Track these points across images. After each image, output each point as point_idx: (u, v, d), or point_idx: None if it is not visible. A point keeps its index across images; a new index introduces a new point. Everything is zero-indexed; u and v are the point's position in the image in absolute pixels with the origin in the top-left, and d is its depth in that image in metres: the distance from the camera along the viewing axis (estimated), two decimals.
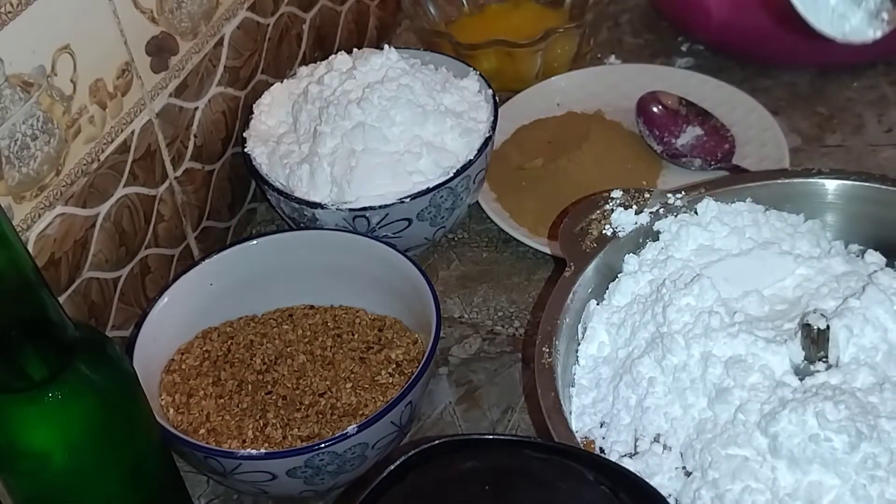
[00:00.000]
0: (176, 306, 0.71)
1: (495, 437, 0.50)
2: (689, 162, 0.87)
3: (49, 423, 0.50)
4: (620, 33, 1.05)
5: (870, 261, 0.64)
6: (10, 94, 0.60)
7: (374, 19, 1.03)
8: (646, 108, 0.91)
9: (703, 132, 0.89)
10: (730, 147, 0.88)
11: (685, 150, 0.88)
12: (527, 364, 0.75)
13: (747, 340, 0.59)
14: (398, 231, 0.77)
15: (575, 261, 0.65)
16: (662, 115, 0.90)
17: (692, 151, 0.88)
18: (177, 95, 0.75)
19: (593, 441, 0.60)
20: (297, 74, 0.86)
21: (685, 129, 0.89)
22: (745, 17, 0.92)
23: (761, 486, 0.53)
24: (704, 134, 0.89)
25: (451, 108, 0.80)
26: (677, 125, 0.89)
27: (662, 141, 0.89)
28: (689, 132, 0.89)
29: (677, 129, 0.89)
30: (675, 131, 0.89)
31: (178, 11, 0.74)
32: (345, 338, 0.73)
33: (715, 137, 0.88)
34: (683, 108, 0.90)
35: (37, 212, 0.63)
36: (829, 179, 0.67)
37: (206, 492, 0.70)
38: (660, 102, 0.91)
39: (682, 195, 0.68)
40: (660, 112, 0.90)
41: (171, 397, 0.70)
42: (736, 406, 0.56)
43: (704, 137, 0.89)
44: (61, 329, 0.49)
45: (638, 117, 0.91)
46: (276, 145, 0.80)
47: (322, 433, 0.67)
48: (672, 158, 0.88)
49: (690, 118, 0.90)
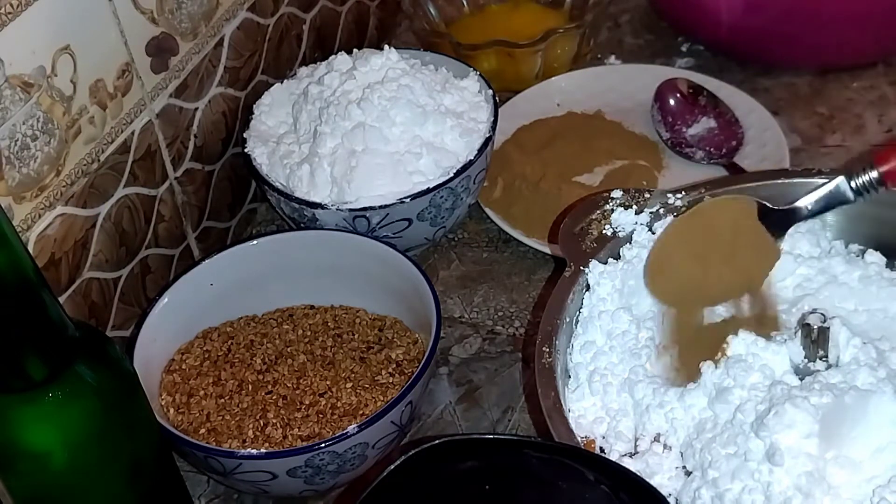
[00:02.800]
0: (176, 306, 0.71)
1: (495, 437, 0.50)
2: (693, 153, 0.88)
3: (49, 423, 0.50)
4: (620, 33, 1.05)
5: (870, 261, 0.64)
6: (10, 94, 0.60)
7: (374, 20, 1.03)
8: (664, 95, 0.91)
9: (716, 125, 0.89)
10: (737, 144, 0.88)
11: (693, 140, 0.88)
12: (527, 364, 0.75)
13: (747, 340, 0.59)
14: (398, 231, 0.77)
15: (575, 261, 0.65)
16: (679, 103, 0.90)
17: (699, 143, 0.88)
18: (177, 96, 0.75)
19: (593, 441, 0.60)
20: (297, 75, 0.86)
21: (699, 120, 0.89)
22: (745, 17, 0.92)
23: (760, 486, 0.53)
24: (717, 127, 0.89)
25: (451, 108, 0.80)
26: (693, 115, 0.90)
27: (672, 129, 0.89)
28: (703, 123, 0.89)
29: (691, 119, 0.90)
30: (689, 120, 0.89)
31: (179, 12, 0.74)
32: (345, 338, 0.73)
33: (726, 132, 0.88)
34: (703, 99, 0.90)
35: (37, 212, 0.63)
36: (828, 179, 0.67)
37: (206, 492, 0.70)
38: (678, 91, 0.91)
39: (682, 195, 0.68)
40: (676, 102, 0.90)
41: (172, 397, 0.70)
42: (736, 406, 0.56)
43: (716, 130, 0.89)
44: (61, 329, 0.49)
45: (654, 102, 0.91)
46: (277, 145, 0.80)
47: (322, 433, 0.67)
48: (675, 147, 0.88)
49: (708, 109, 0.90)
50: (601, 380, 0.61)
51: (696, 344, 0.63)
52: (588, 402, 0.61)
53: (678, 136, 0.89)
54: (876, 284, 0.62)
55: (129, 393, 0.53)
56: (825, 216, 0.67)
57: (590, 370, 0.62)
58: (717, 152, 0.87)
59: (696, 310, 0.64)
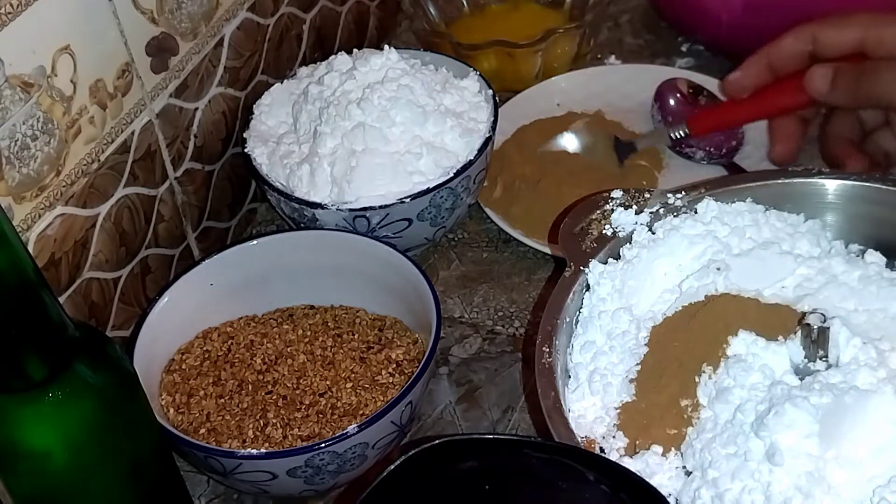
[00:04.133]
0: (176, 306, 0.71)
1: (495, 437, 0.50)
2: (693, 153, 0.88)
3: (49, 423, 0.49)
4: (620, 33, 1.05)
5: (870, 261, 0.64)
6: (10, 94, 0.60)
7: (374, 20, 1.03)
8: (664, 95, 0.91)
9: None
10: (737, 143, 0.88)
11: (693, 140, 0.88)
12: (527, 364, 0.75)
13: (747, 340, 0.59)
14: (398, 231, 0.77)
15: (575, 261, 0.65)
16: (679, 103, 0.90)
17: (699, 143, 0.88)
18: (177, 96, 0.75)
19: (594, 441, 0.60)
20: (297, 75, 0.86)
21: None
22: (745, 17, 0.92)
23: (760, 486, 0.53)
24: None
25: (451, 108, 0.80)
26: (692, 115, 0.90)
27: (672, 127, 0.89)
28: None
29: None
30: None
31: (179, 12, 0.74)
32: (345, 338, 0.73)
33: (726, 132, 0.88)
34: (703, 99, 0.90)
35: (37, 212, 0.63)
36: (829, 179, 0.67)
37: (206, 492, 0.70)
38: (678, 91, 0.91)
39: (682, 195, 0.68)
40: (676, 102, 0.90)
41: (172, 397, 0.70)
42: (736, 406, 0.56)
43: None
44: (61, 329, 0.49)
45: (654, 102, 0.91)
46: (277, 145, 0.80)
47: (322, 433, 0.67)
48: (675, 147, 0.88)
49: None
50: (601, 380, 0.61)
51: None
52: (588, 402, 0.61)
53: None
54: (876, 284, 0.62)
55: (129, 393, 0.53)
56: (825, 216, 0.67)
57: (590, 370, 0.62)
58: (717, 152, 0.87)
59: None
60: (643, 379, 0.60)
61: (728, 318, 0.61)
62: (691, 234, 0.65)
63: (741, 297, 0.62)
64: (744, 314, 0.61)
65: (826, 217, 0.68)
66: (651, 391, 0.60)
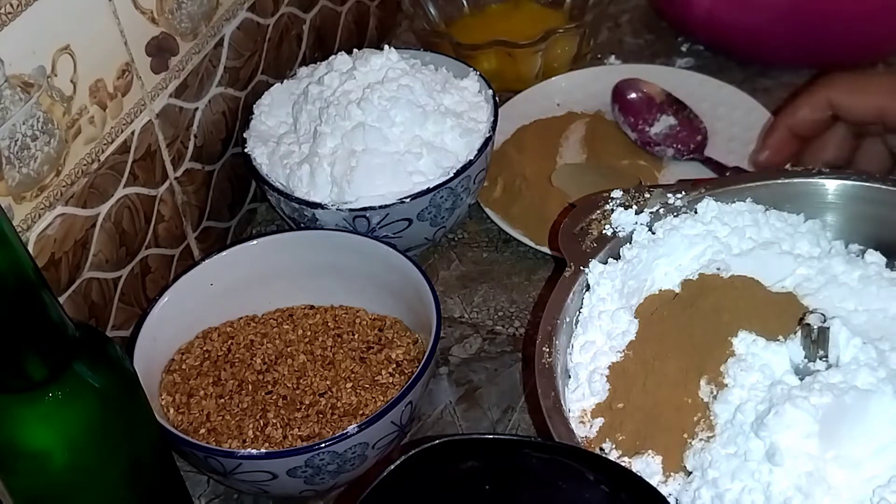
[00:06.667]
0: (176, 306, 0.71)
1: (495, 437, 0.50)
2: (662, 151, 0.88)
3: (49, 423, 0.50)
4: (620, 33, 1.05)
5: (870, 261, 0.64)
6: (10, 94, 0.60)
7: (374, 19, 1.03)
8: (621, 94, 0.92)
9: (677, 122, 0.90)
10: (702, 139, 0.89)
11: (658, 138, 0.89)
12: (527, 364, 0.75)
13: (747, 340, 0.59)
14: (398, 231, 0.77)
15: (575, 261, 0.65)
16: (636, 102, 0.91)
17: (665, 140, 0.89)
18: (177, 96, 0.76)
19: (594, 441, 0.60)
20: (297, 75, 0.86)
21: (659, 118, 0.90)
22: (746, 17, 0.92)
23: (760, 486, 0.53)
24: (678, 124, 0.90)
25: (451, 108, 0.80)
26: (651, 113, 0.90)
27: (637, 128, 0.90)
28: (663, 121, 0.90)
29: (651, 118, 0.90)
30: (650, 119, 0.90)
31: (178, 12, 0.74)
32: (345, 338, 0.73)
33: (688, 128, 0.89)
34: (658, 97, 0.91)
35: (37, 212, 0.63)
36: (829, 179, 0.67)
37: (206, 492, 0.70)
38: (634, 90, 0.92)
39: (683, 195, 0.68)
40: (633, 99, 0.91)
41: (172, 397, 0.70)
42: (736, 406, 0.56)
43: (678, 127, 0.90)
44: (61, 329, 0.49)
45: (613, 103, 0.91)
46: (277, 145, 0.80)
47: (322, 433, 0.67)
48: (645, 147, 0.89)
49: (665, 107, 0.91)
50: (601, 380, 0.61)
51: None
52: (588, 402, 0.61)
53: (644, 135, 0.90)
54: (876, 284, 0.62)
55: (129, 393, 0.53)
56: (825, 216, 0.67)
57: (590, 370, 0.62)
58: (684, 148, 0.88)
59: None
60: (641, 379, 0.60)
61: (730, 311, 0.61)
62: (691, 234, 0.65)
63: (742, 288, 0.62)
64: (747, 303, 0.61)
65: (826, 217, 0.68)
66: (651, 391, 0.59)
